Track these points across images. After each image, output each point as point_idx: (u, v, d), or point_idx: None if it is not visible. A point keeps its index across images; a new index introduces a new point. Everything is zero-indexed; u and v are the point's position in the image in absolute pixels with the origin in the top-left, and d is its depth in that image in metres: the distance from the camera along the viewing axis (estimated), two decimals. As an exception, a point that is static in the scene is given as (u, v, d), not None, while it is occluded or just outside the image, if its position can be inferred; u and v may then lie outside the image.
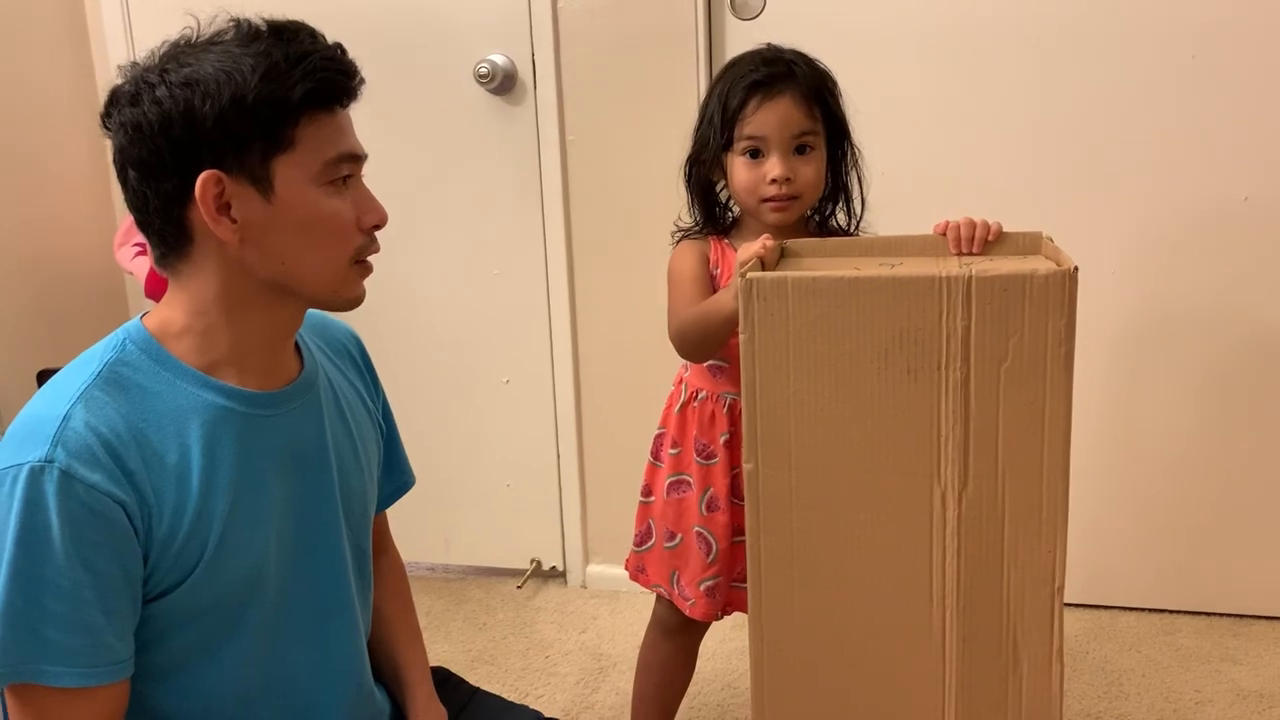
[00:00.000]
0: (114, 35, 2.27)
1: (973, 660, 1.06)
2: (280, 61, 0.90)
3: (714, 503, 1.43)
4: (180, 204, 0.92)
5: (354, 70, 0.96)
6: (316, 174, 0.93)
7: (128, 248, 2.19)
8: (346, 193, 0.96)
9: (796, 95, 1.33)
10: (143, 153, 0.91)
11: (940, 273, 0.98)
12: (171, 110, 0.89)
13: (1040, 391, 0.98)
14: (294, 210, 0.93)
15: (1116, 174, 1.91)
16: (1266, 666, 1.89)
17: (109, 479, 0.88)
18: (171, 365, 0.95)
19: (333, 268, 0.97)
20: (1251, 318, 1.92)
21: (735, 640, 1.99)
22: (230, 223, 0.92)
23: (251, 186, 0.91)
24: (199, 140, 0.89)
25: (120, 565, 0.89)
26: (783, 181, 1.32)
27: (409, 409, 1.47)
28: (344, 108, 0.96)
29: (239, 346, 0.97)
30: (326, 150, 0.93)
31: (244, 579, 0.98)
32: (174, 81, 0.89)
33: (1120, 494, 2.04)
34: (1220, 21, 1.81)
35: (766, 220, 1.36)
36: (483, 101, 2.11)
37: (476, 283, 2.22)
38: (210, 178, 0.90)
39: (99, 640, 0.89)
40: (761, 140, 1.33)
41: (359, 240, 0.98)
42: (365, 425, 1.14)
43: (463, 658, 2.04)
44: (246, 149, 0.90)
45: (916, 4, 1.92)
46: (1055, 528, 1.02)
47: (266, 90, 0.89)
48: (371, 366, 1.21)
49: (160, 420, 0.92)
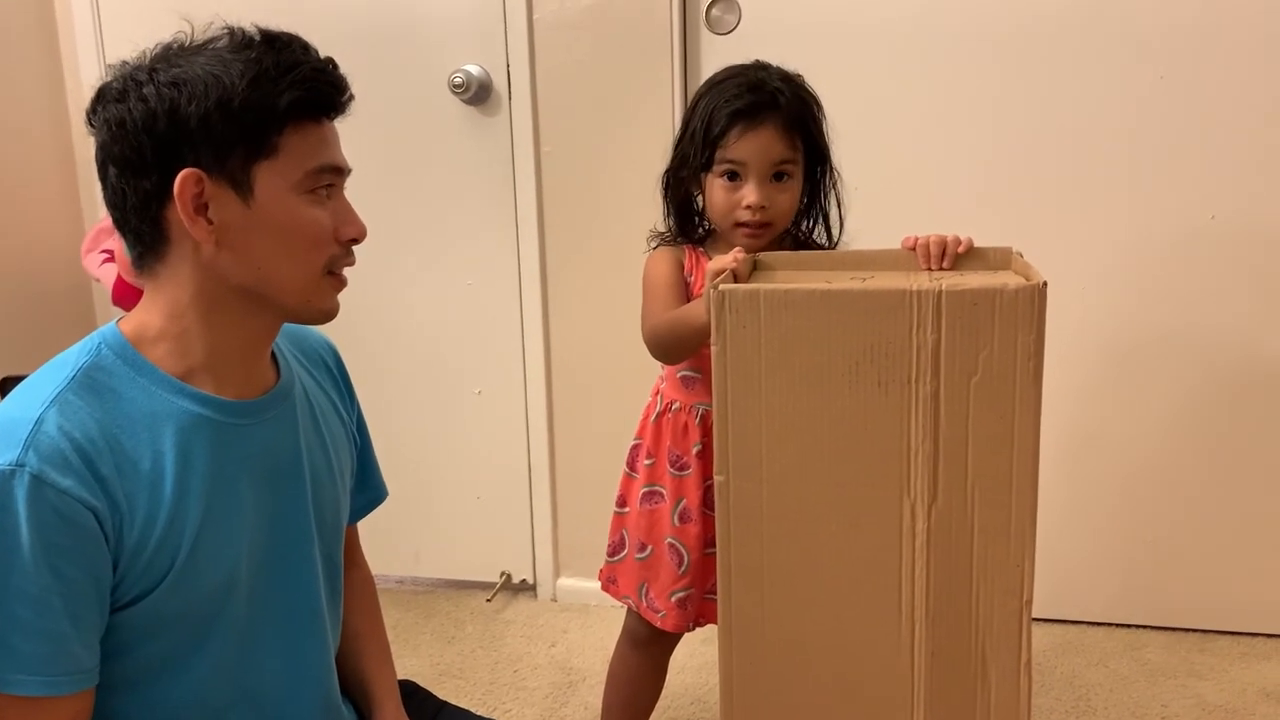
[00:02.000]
0: (85, 43, 2.25)
1: (941, 673, 1.06)
2: (270, 69, 0.90)
3: (686, 514, 1.43)
4: (159, 203, 0.92)
5: (344, 84, 0.97)
6: (297, 183, 0.93)
7: (95, 254, 2.17)
8: (327, 204, 0.96)
9: (779, 125, 1.34)
10: (125, 149, 0.91)
11: (911, 287, 0.99)
12: (157, 108, 0.89)
13: (1009, 406, 0.99)
14: (272, 216, 0.93)
15: (1085, 191, 1.93)
16: (1232, 681, 1.90)
17: (81, 484, 0.86)
18: (147, 371, 0.94)
19: (306, 276, 0.96)
20: (1219, 334, 1.95)
21: (705, 654, 1.98)
22: (207, 224, 0.91)
23: (231, 190, 0.91)
24: (182, 140, 0.89)
25: (89, 572, 0.88)
26: (757, 209, 1.34)
27: (380, 420, 1.45)
28: (331, 120, 0.97)
29: (215, 353, 0.96)
30: (309, 160, 0.94)
31: (215, 588, 0.96)
32: (162, 81, 0.90)
33: (1088, 509, 2.06)
34: (1188, 42, 1.84)
35: (741, 246, 1.36)
36: (457, 112, 2.11)
37: (449, 293, 2.21)
38: (190, 176, 0.90)
39: (64, 648, 0.87)
40: (741, 166, 1.34)
41: (334, 250, 0.97)
42: (340, 437, 1.14)
43: (431, 671, 2.02)
44: (229, 152, 0.90)
45: (890, 21, 1.93)
46: (1024, 541, 1.02)
47: (253, 96, 0.89)
48: (347, 378, 1.20)
49: (134, 426, 0.91)
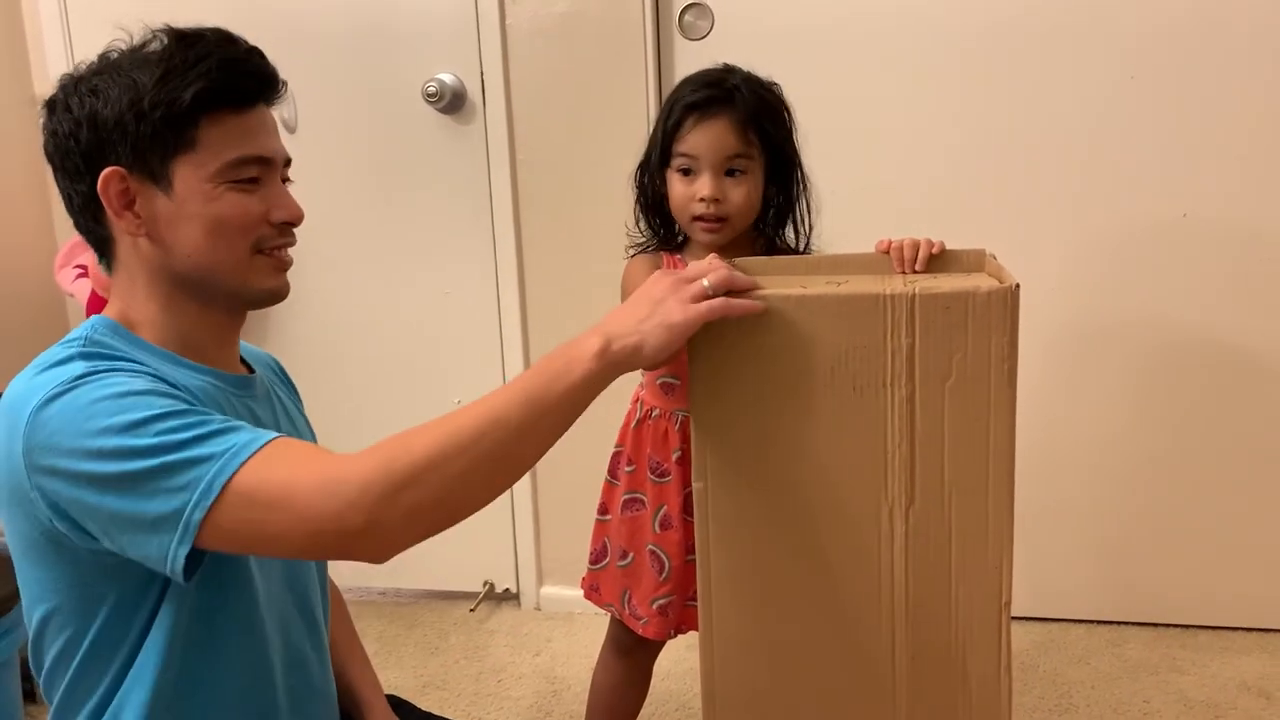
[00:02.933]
0: (54, 53, 2.24)
1: (922, 676, 1.06)
2: (178, 65, 0.94)
3: (667, 520, 1.43)
4: (97, 204, 0.96)
5: (262, 72, 0.98)
6: (215, 173, 0.96)
7: (69, 269, 2.15)
8: (255, 191, 0.98)
9: (732, 119, 1.35)
10: (62, 158, 0.97)
11: (885, 291, 0.99)
12: (80, 116, 0.95)
13: (984, 407, 0.99)
14: (191, 205, 0.96)
15: (1058, 191, 1.94)
16: (1213, 676, 1.91)
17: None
18: (145, 346, 0.98)
19: (233, 257, 0.98)
20: (1193, 331, 1.96)
21: (690, 660, 1.98)
22: (134, 218, 0.96)
23: (152, 184, 0.95)
24: (103, 143, 0.94)
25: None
26: (710, 201, 1.34)
27: (358, 430, 1.45)
28: (252, 108, 0.98)
29: (189, 342, 1.00)
30: (228, 152, 0.96)
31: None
32: (84, 90, 0.95)
33: (1067, 508, 2.07)
34: (1158, 43, 1.86)
35: (699, 240, 1.39)
36: (432, 120, 2.10)
37: (427, 303, 2.21)
38: (112, 174, 0.94)
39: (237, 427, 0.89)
40: (694, 159, 1.35)
41: (262, 231, 0.99)
42: (305, 435, 1.18)
43: (414, 683, 2.01)
44: (146, 149, 0.94)
45: (861, 25, 1.94)
46: (1001, 542, 1.02)
47: (160, 94, 0.93)
48: (294, 386, 1.24)
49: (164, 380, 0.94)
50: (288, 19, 2.11)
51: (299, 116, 2.00)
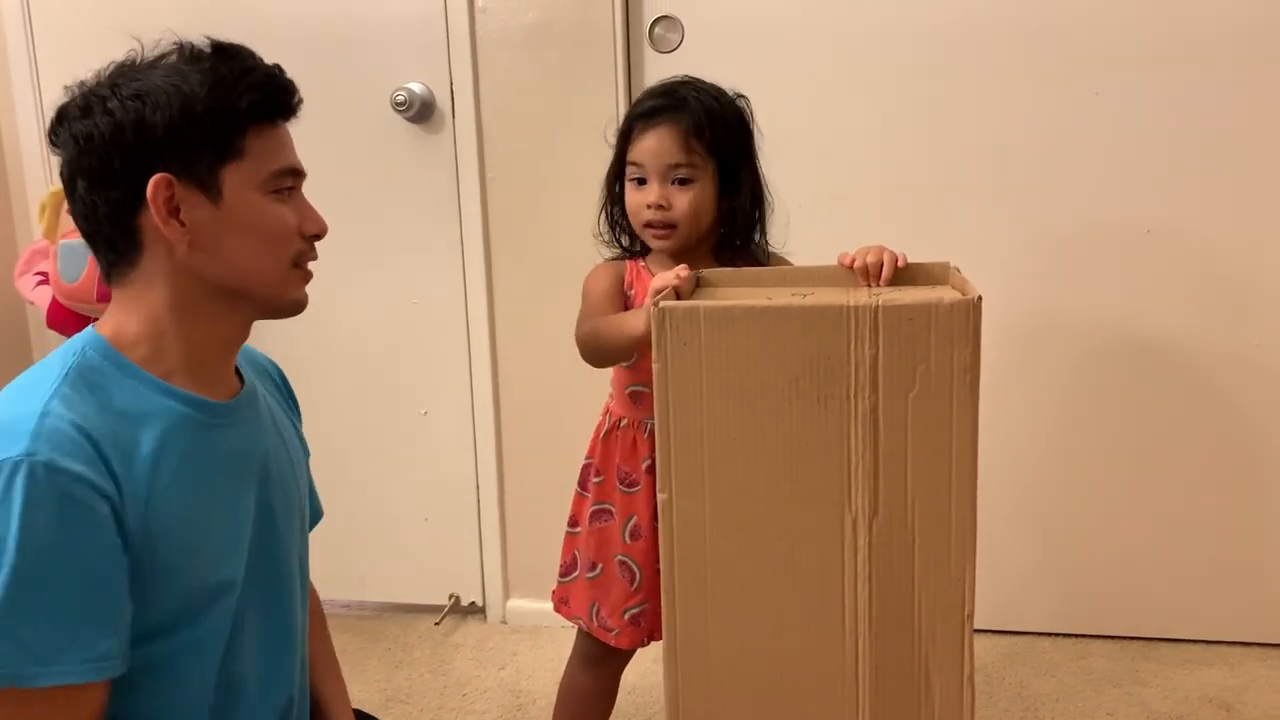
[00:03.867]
0: (19, 67, 2.22)
1: (885, 688, 1.06)
2: (226, 75, 0.95)
3: (637, 531, 1.43)
4: (130, 211, 0.94)
5: (294, 88, 1.02)
6: (262, 183, 0.97)
7: (29, 276, 2.12)
8: (289, 202, 1.01)
9: (675, 129, 1.37)
10: (93, 162, 0.94)
11: (849, 302, 0.99)
12: (123, 120, 0.92)
13: (947, 419, 0.99)
14: (241, 215, 0.96)
15: (1023, 205, 1.96)
16: (1176, 688, 1.93)
17: (93, 470, 0.88)
18: (132, 371, 0.96)
19: (277, 269, 1.00)
20: (1161, 344, 1.98)
21: (656, 673, 1.97)
22: (180, 225, 0.94)
23: (200, 192, 0.94)
24: (149, 148, 0.93)
25: (106, 557, 0.88)
26: (656, 207, 1.37)
27: (325, 441, 1.44)
28: (285, 123, 1.02)
29: (191, 356, 0.99)
30: (273, 162, 0.98)
31: (210, 586, 0.98)
32: (125, 94, 0.93)
33: (1032, 520, 2.08)
34: (1123, 59, 1.88)
35: (652, 246, 1.42)
36: (401, 130, 2.09)
37: (394, 313, 2.19)
38: (162, 180, 0.93)
39: (81, 636, 0.86)
40: (640, 168, 1.39)
41: (299, 245, 1.02)
42: (296, 445, 1.17)
43: (378, 698, 1.98)
44: (196, 156, 0.94)
45: (832, 39, 1.95)
46: (964, 554, 1.03)
47: (215, 101, 0.94)
48: (294, 395, 1.24)
49: (128, 423, 0.93)
50: (254, 26, 2.07)
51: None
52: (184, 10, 2.10)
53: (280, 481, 1.08)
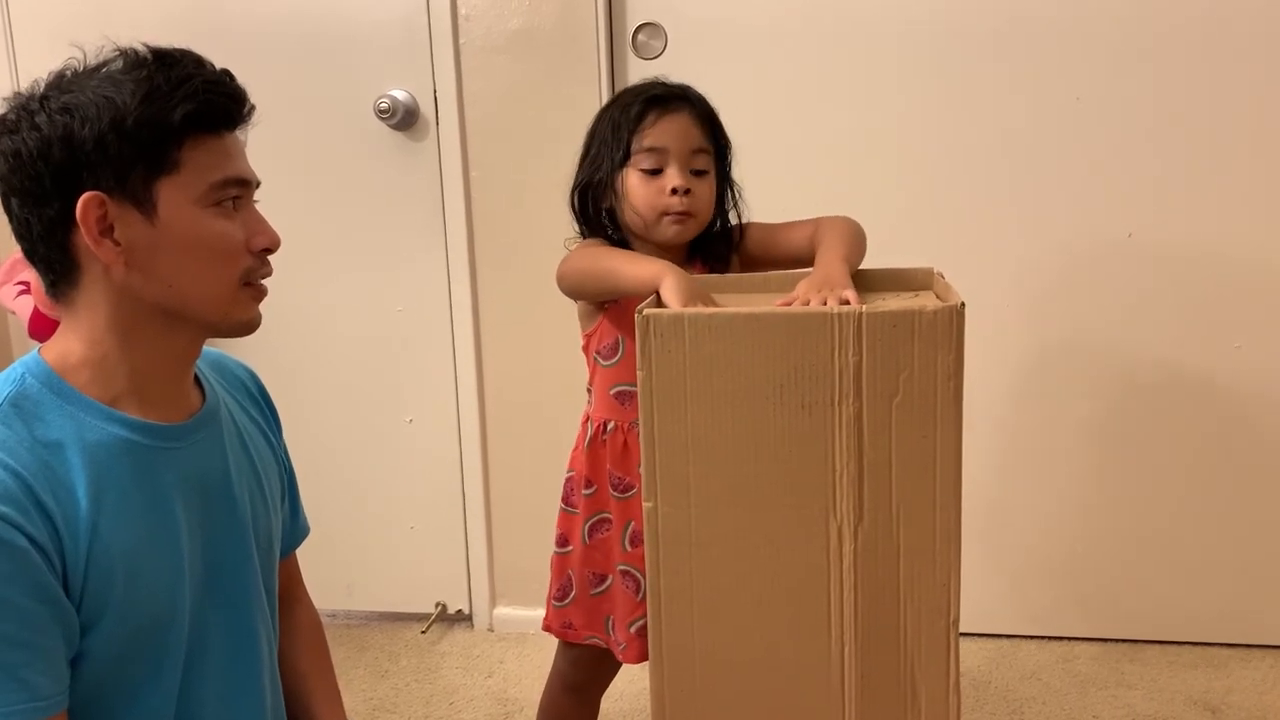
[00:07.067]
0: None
1: (872, 695, 1.06)
2: (161, 85, 0.90)
3: (636, 537, 1.38)
4: (64, 229, 0.91)
5: (240, 95, 0.96)
6: (201, 196, 0.93)
7: (9, 286, 2.10)
8: (235, 216, 0.96)
9: (694, 114, 1.36)
10: (23, 179, 0.90)
11: (833, 309, 0.99)
12: (51, 135, 0.89)
13: (931, 425, 1.00)
14: (178, 231, 0.92)
15: (1005, 210, 1.97)
16: (1161, 690, 1.94)
17: (19, 511, 0.85)
18: (73, 398, 0.92)
19: (221, 289, 0.96)
20: (1139, 348, 1.99)
21: (642, 681, 1.96)
22: (114, 245, 0.91)
23: (135, 209, 0.90)
24: (79, 164, 0.89)
25: (39, 597, 0.86)
26: (683, 192, 1.32)
27: (310, 450, 1.43)
28: (231, 132, 0.96)
29: (138, 377, 0.95)
30: (212, 173, 0.93)
31: (159, 616, 0.95)
32: (53, 108, 0.89)
33: (1015, 524, 2.08)
34: (1104, 64, 1.89)
35: (664, 235, 1.35)
36: (384, 137, 2.09)
37: (379, 321, 2.18)
38: (92, 199, 0.89)
39: (16, 676, 0.84)
40: (662, 152, 1.33)
41: (247, 262, 0.97)
42: (269, 461, 1.13)
43: (364, 707, 1.97)
44: (129, 171, 0.90)
45: (814, 48, 1.96)
46: (949, 560, 1.03)
47: (146, 113, 0.89)
48: (272, 404, 1.19)
49: (66, 454, 0.90)
50: (236, 32, 2.08)
51: (247, 132, 1.97)
52: (169, 18, 2.09)
53: (242, 502, 1.04)
